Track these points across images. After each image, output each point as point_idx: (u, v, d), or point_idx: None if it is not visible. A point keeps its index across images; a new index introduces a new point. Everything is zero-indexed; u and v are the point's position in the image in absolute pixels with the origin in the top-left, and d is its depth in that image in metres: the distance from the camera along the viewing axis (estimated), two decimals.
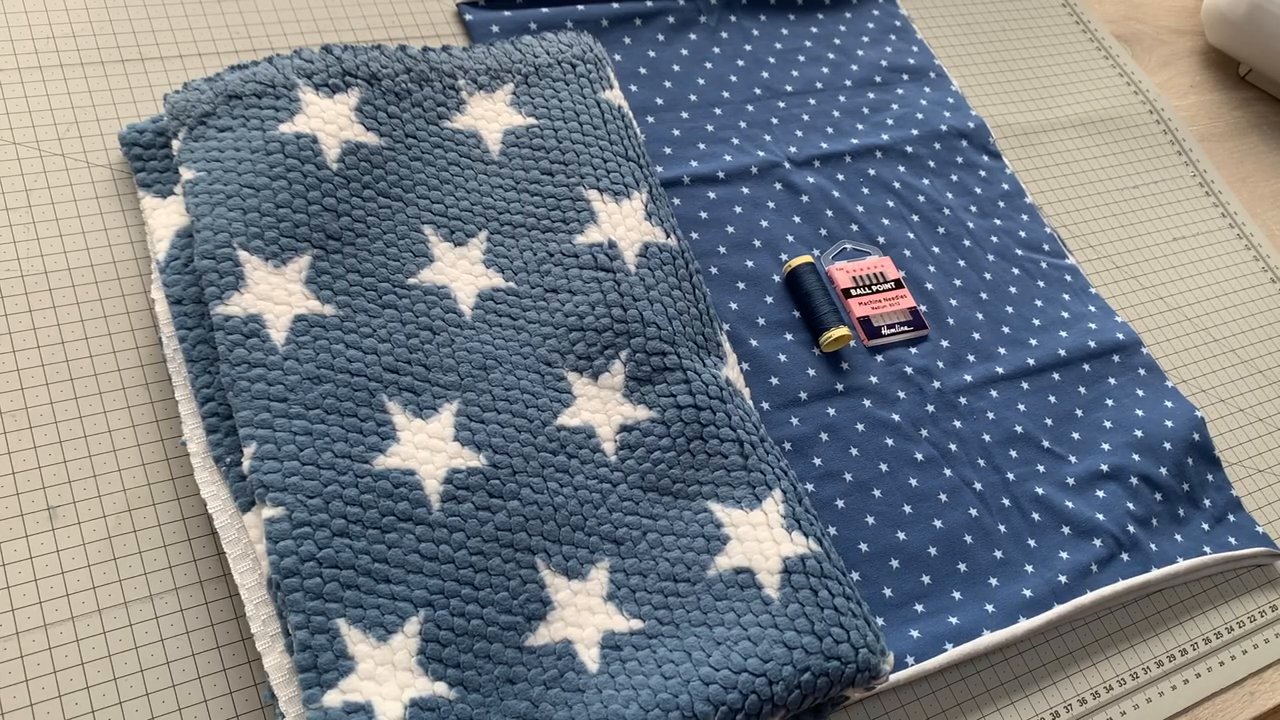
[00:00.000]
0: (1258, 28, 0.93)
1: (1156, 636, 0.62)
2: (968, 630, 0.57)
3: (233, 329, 0.51)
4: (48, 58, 0.62)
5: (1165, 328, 0.78)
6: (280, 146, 0.56)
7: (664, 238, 0.62)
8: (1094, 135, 0.88)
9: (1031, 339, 0.72)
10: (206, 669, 0.47)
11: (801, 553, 0.52)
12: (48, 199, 0.57)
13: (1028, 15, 0.95)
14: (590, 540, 0.51)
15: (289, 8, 0.69)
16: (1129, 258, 0.81)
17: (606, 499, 0.53)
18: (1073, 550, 0.62)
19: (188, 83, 0.59)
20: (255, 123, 0.57)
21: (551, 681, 0.47)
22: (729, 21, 0.81)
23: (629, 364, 0.57)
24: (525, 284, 0.59)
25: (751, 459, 0.55)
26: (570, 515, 0.52)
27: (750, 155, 0.73)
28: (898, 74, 0.84)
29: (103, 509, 0.50)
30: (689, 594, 0.51)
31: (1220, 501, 0.69)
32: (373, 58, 0.62)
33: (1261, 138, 0.95)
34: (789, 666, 0.48)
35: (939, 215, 0.76)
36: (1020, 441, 0.66)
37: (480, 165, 0.62)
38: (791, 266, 0.68)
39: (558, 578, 0.50)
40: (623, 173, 0.63)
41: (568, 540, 0.51)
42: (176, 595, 0.49)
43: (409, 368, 0.53)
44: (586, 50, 0.69)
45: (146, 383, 0.53)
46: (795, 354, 0.65)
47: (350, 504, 0.48)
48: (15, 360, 0.52)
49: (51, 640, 0.46)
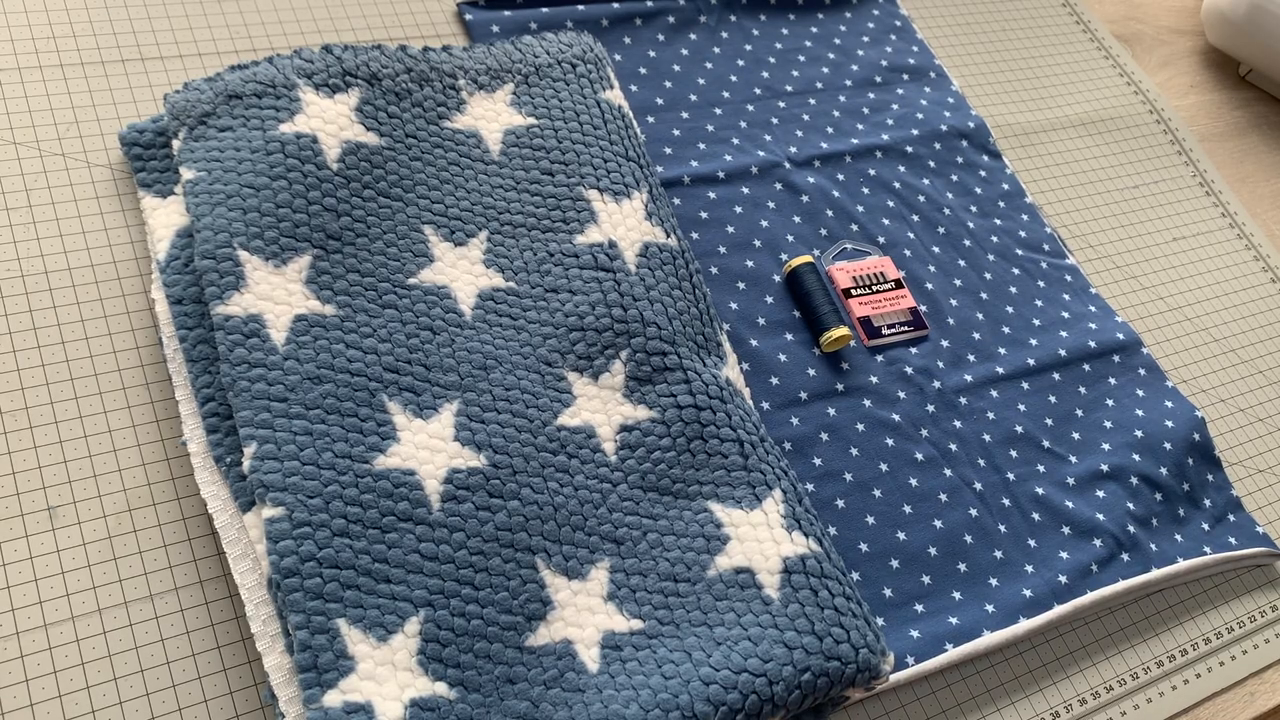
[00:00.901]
0: (1258, 28, 0.93)
1: (1156, 636, 0.62)
2: (968, 630, 0.57)
3: (233, 329, 0.51)
4: (48, 58, 0.62)
5: (1165, 328, 0.78)
6: (281, 146, 0.56)
7: (664, 238, 0.62)
8: (1094, 135, 0.88)
9: (1031, 339, 0.72)
10: (206, 669, 0.47)
11: (802, 553, 0.52)
12: (48, 199, 0.57)
13: (1028, 15, 0.95)
14: (590, 540, 0.51)
15: (289, 8, 0.69)
16: (1129, 258, 0.81)
17: (606, 499, 0.53)
18: (1073, 550, 0.62)
19: (188, 83, 0.59)
20: (255, 122, 0.57)
21: (551, 681, 0.47)
22: (729, 21, 0.81)
23: (629, 364, 0.57)
24: (525, 284, 0.59)
25: (752, 459, 0.55)
26: (570, 515, 0.52)
27: (750, 155, 0.73)
28: (898, 74, 0.84)
29: (103, 509, 0.50)
30: (689, 594, 0.51)
31: (1220, 501, 0.69)
32: (373, 58, 0.62)
33: (1261, 138, 0.95)
34: (789, 666, 0.48)
35: (939, 215, 0.76)
36: (1020, 441, 0.66)
37: (480, 165, 0.62)
38: (792, 266, 0.68)
39: (558, 578, 0.50)
40: (623, 173, 0.63)
41: (568, 540, 0.51)
42: (176, 595, 0.49)
43: (409, 368, 0.53)
44: (586, 50, 0.69)
45: (146, 383, 0.53)
46: (795, 354, 0.65)
47: (350, 504, 0.48)
48: (15, 360, 0.52)
49: (52, 640, 0.46)
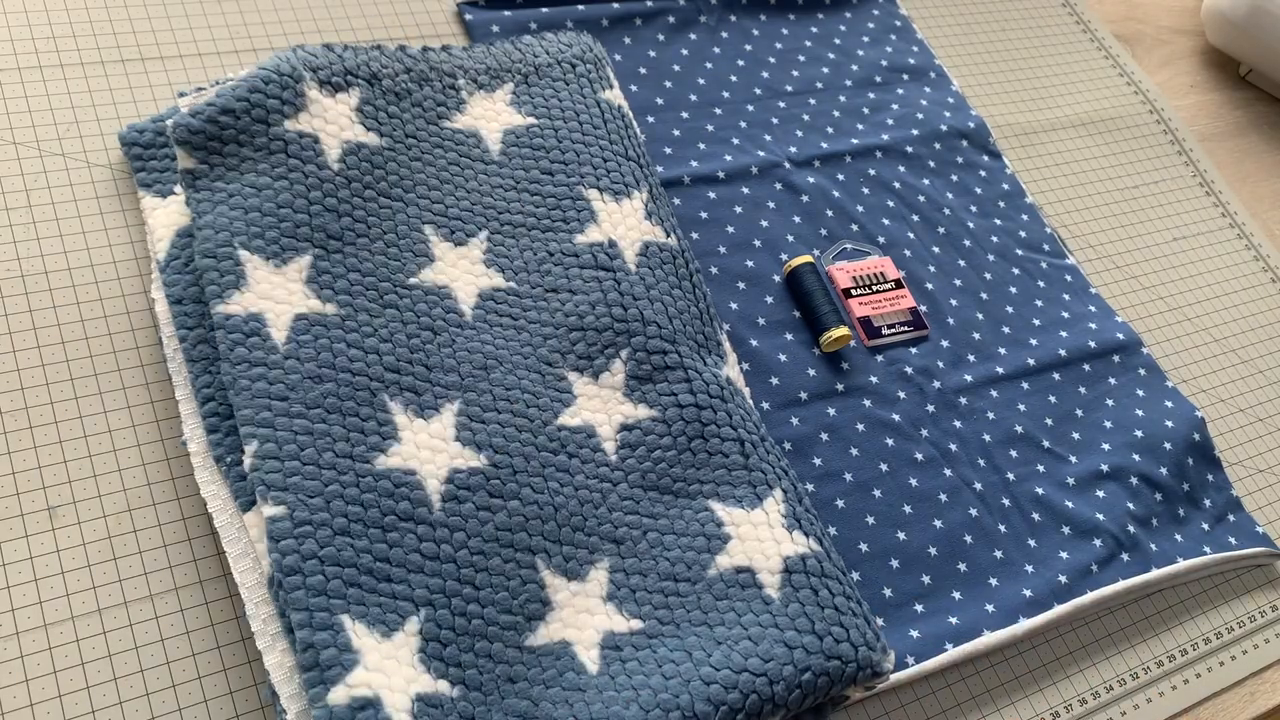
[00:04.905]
0: (1258, 28, 0.93)
1: (1156, 636, 0.62)
2: (968, 630, 0.57)
3: (233, 328, 0.51)
4: (48, 58, 0.62)
5: (1165, 328, 0.78)
6: (283, 145, 0.56)
7: (664, 237, 0.62)
8: (1094, 135, 0.88)
9: (1031, 339, 0.72)
10: (206, 669, 0.47)
11: (802, 552, 0.52)
12: (48, 199, 0.57)
13: (1028, 15, 0.95)
14: (590, 540, 0.51)
15: (289, 8, 0.69)
16: (1129, 258, 0.81)
17: (607, 498, 0.53)
18: (1073, 550, 0.62)
19: (199, 87, 0.58)
20: (260, 112, 0.56)
21: (551, 681, 0.47)
22: (729, 21, 0.81)
23: (629, 363, 0.57)
24: (526, 284, 0.59)
25: (752, 458, 0.55)
26: (570, 515, 0.52)
27: (750, 155, 0.73)
28: (898, 74, 0.84)
29: (103, 509, 0.50)
30: (689, 593, 0.51)
31: (1220, 501, 0.69)
32: (373, 58, 0.62)
33: (1261, 138, 0.96)
34: (790, 666, 0.48)
35: (939, 215, 0.76)
36: (1020, 441, 0.66)
37: (480, 165, 0.62)
38: (792, 266, 0.68)
39: (557, 578, 0.50)
40: (623, 172, 0.63)
41: (568, 540, 0.51)
42: (176, 595, 0.49)
43: (410, 367, 0.53)
44: (586, 50, 0.69)
45: (146, 383, 0.53)
46: (795, 354, 0.65)
47: (351, 503, 0.48)
48: (15, 360, 0.52)
49: (51, 640, 0.46)
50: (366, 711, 0.42)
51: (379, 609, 0.46)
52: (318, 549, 0.46)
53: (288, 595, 0.45)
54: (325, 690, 0.43)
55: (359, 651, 0.44)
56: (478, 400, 0.53)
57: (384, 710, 0.43)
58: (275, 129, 0.56)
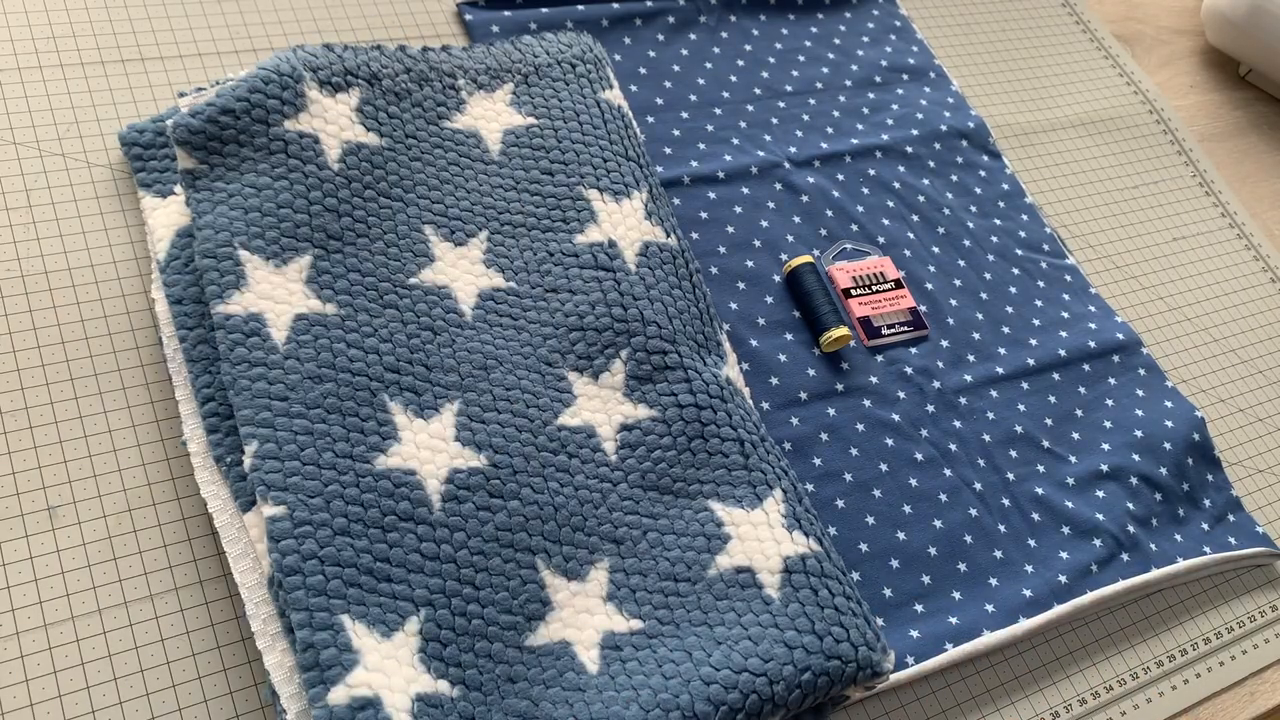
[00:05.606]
0: (1258, 28, 0.93)
1: (1156, 636, 0.62)
2: (968, 630, 0.57)
3: (233, 328, 0.51)
4: (48, 58, 0.62)
5: (1165, 328, 0.78)
6: (283, 146, 0.56)
7: (664, 237, 0.62)
8: (1094, 135, 0.88)
9: (1031, 339, 0.72)
10: (206, 669, 0.47)
11: (802, 552, 0.52)
12: (48, 199, 0.57)
13: (1028, 15, 0.95)
14: (590, 540, 0.51)
15: (289, 8, 0.69)
16: (1129, 258, 0.81)
17: (607, 498, 0.53)
18: (1073, 550, 0.62)
19: (194, 110, 0.56)
20: (260, 112, 0.56)
21: (551, 681, 0.47)
22: (729, 21, 0.81)
23: (629, 363, 0.57)
24: (526, 284, 0.59)
25: (752, 458, 0.55)
26: (570, 515, 0.52)
27: (750, 155, 0.73)
28: (898, 74, 0.84)
29: (103, 509, 0.50)
30: (689, 593, 0.51)
31: (1220, 501, 0.69)
32: (373, 58, 0.62)
33: (1261, 138, 0.96)
34: (790, 666, 0.48)
35: (939, 215, 0.76)
36: (1020, 441, 0.66)
37: (480, 165, 0.62)
38: (791, 266, 0.68)
39: (557, 578, 0.50)
40: (623, 172, 0.63)
41: (568, 540, 0.51)
42: (176, 595, 0.49)
43: (410, 368, 0.53)
44: (586, 50, 0.69)
45: (146, 383, 0.53)
46: (795, 354, 0.65)
47: (351, 503, 0.48)
48: (15, 360, 0.52)
49: (52, 640, 0.46)
50: (366, 711, 0.42)
51: (379, 609, 0.46)
52: (318, 549, 0.46)
53: (288, 595, 0.45)
54: (325, 690, 0.43)
55: (359, 651, 0.44)
56: (478, 400, 0.53)
57: (384, 710, 0.43)
58: (275, 129, 0.56)
